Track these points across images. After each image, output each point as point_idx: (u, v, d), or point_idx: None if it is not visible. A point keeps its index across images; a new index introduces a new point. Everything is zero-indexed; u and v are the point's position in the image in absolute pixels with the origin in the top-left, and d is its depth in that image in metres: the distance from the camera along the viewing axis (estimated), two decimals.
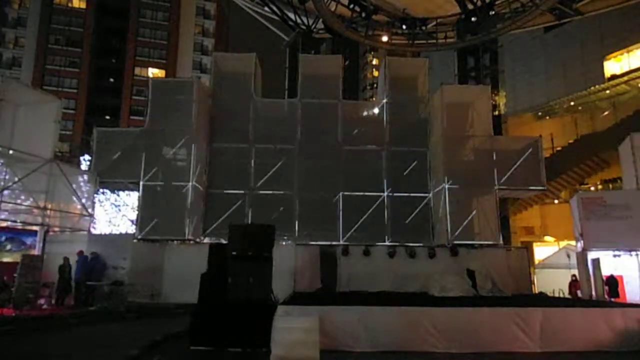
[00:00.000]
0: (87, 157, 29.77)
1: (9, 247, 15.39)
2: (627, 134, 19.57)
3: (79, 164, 30.68)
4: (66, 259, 15.26)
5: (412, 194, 20.69)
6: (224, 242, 10.89)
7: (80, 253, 15.67)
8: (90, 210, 18.24)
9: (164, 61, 61.27)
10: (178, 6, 63.49)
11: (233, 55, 23.97)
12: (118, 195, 29.07)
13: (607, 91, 40.25)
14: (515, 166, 19.39)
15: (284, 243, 18.99)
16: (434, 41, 31.61)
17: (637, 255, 17.66)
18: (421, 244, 19.33)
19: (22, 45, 58.30)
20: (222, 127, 21.22)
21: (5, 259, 15.10)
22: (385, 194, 20.65)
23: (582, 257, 17.62)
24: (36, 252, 15.65)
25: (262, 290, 10.09)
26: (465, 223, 18.93)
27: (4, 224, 15.53)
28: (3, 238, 15.38)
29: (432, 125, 21.32)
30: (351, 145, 21.09)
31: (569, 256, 20.71)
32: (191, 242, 18.96)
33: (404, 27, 30.62)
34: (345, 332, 9.51)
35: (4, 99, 14.79)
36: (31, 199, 15.90)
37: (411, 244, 19.10)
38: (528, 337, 9.62)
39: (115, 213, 29.40)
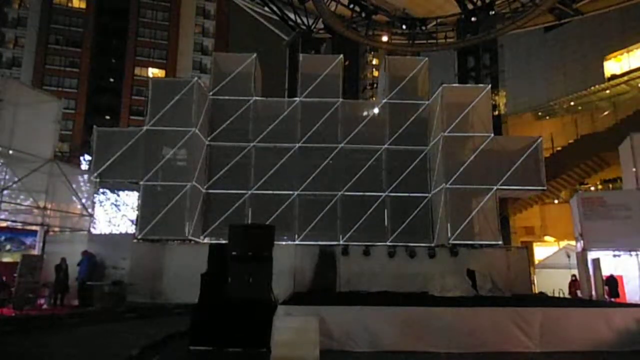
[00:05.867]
0: (87, 157, 29.80)
1: (8, 247, 15.38)
2: (627, 134, 19.56)
3: (79, 164, 30.72)
4: (63, 259, 15.22)
5: (412, 194, 20.69)
6: (224, 242, 10.87)
7: (85, 253, 15.67)
8: (90, 210, 18.25)
9: (164, 61, 61.26)
10: (178, 6, 63.47)
11: (233, 55, 23.96)
12: (118, 195, 29.06)
13: (607, 91, 40.28)
14: (515, 166, 19.38)
15: (284, 243, 18.99)
16: (434, 41, 31.65)
17: (637, 255, 17.65)
18: (421, 244, 19.34)
19: (22, 45, 58.23)
20: (222, 127, 21.22)
21: (5, 259, 15.08)
22: (385, 194, 20.66)
23: (582, 257, 17.62)
24: (36, 252, 15.65)
25: (262, 290, 10.08)
26: (465, 223, 18.90)
27: (4, 224, 15.53)
28: (2, 238, 15.36)
29: (432, 125, 21.32)
30: (351, 145, 21.10)
31: (569, 256, 20.70)
32: (191, 242, 18.96)
33: (404, 27, 30.67)
34: (345, 332, 9.50)
35: (4, 99, 14.78)
36: (31, 199, 15.90)
37: (411, 244, 19.11)
38: (528, 337, 9.61)
39: (115, 213, 29.40)
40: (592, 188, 36.64)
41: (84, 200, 17.83)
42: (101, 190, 25.64)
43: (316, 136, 21.01)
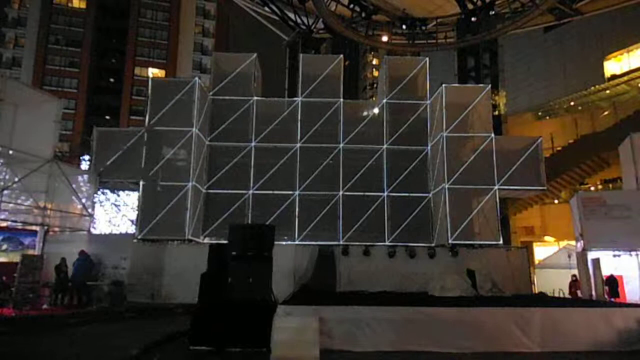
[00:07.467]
0: (87, 157, 29.79)
1: (4, 247, 15.37)
2: (627, 134, 19.56)
3: (79, 164, 30.71)
4: (63, 259, 15.22)
5: (412, 194, 20.69)
6: (224, 242, 10.87)
7: (82, 253, 15.66)
8: (90, 210, 18.23)
9: (164, 61, 61.28)
10: (178, 6, 63.49)
11: (233, 55, 23.95)
12: (118, 195, 29.06)
13: (607, 91, 40.34)
14: (515, 166, 19.39)
15: (284, 243, 18.99)
16: (434, 41, 31.64)
17: (637, 255, 17.65)
18: (421, 244, 19.34)
19: (22, 45, 58.28)
20: (222, 127, 21.21)
21: (2, 259, 15.07)
22: (385, 193, 20.66)
23: (582, 257, 17.61)
24: (35, 252, 15.64)
25: (262, 290, 10.07)
26: (465, 223, 18.90)
27: (4, 224, 15.52)
28: (0, 238, 15.36)
29: (432, 125, 21.32)
30: (351, 145, 21.10)
31: (569, 256, 20.71)
32: (191, 242, 18.96)
33: (403, 27, 30.69)
34: (345, 332, 9.50)
35: (4, 99, 14.77)
36: (31, 199, 15.89)
37: (411, 244, 19.11)
38: (528, 337, 9.60)
39: (115, 213, 29.40)
40: (592, 188, 36.68)
41: (84, 200, 17.81)
42: (101, 190, 25.63)
43: (316, 136, 21.01)
